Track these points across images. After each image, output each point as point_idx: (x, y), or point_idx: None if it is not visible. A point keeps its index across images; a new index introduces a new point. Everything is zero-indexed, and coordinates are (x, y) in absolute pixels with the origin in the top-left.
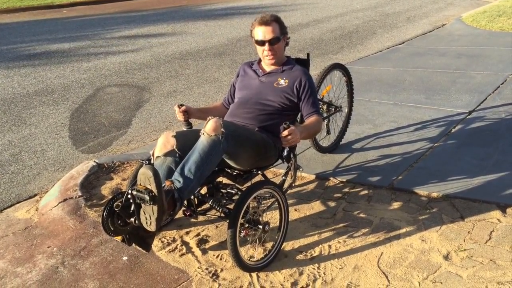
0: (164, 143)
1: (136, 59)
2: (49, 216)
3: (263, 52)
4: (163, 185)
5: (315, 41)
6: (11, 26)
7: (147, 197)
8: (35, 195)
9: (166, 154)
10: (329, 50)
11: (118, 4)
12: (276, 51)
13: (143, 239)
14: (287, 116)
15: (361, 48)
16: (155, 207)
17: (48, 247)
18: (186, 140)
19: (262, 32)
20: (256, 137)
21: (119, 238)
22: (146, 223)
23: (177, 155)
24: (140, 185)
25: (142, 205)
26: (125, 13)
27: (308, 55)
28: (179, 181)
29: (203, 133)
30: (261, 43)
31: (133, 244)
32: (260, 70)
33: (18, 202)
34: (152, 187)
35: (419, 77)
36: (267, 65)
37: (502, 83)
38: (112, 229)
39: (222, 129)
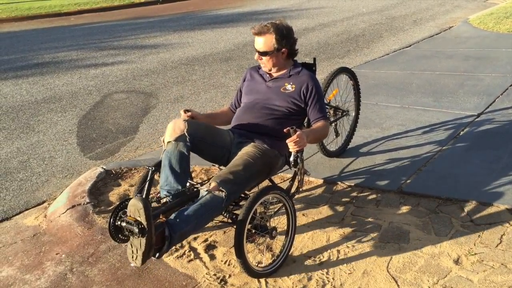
0: (174, 128)
1: (143, 65)
2: (58, 222)
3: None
4: (157, 220)
5: (322, 45)
6: (19, 34)
7: (136, 229)
8: (44, 202)
9: (177, 139)
10: (336, 54)
11: (125, 11)
12: (266, 63)
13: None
14: (294, 120)
15: (368, 51)
16: (143, 240)
17: (56, 253)
18: (196, 126)
19: (256, 42)
20: (257, 167)
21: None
22: (132, 257)
23: (187, 139)
24: (130, 216)
25: (130, 237)
26: (132, 20)
27: (314, 59)
28: (174, 220)
29: (207, 191)
30: (255, 50)
31: None
32: (267, 75)
33: (26, 209)
34: (142, 219)
35: (427, 80)
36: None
37: (511, 85)
38: (119, 235)
39: (224, 193)
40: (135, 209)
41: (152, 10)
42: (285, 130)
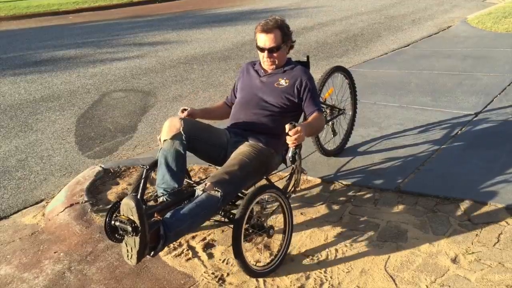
0: (170, 126)
1: (142, 64)
2: (56, 221)
3: (263, 58)
4: (152, 219)
5: (320, 45)
6: (17, 33)
7: (129, 228)
8: (42, 200)
9: (173, 137)
10: (334, 53)
11: (124, 10)
12: (275, 59)
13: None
14: (289, 117)
15: (366, 51)
16: (137, 239)
17: (54, 252)
18: (192, 125)
19: (263, 40)
20: (252, 166)
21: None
22: (127, 256)
23: (183, 138)
24: (123, 215)
25: (125, 236)
26: (131, 19)
27: (308, 57)
28: (169, 219)
29: (203, 190)
30: (261, 49)
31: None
32: (262, 70)
33: (25, 208)
34: (135, 217)
35: (425, 79)
36: (267, 68)
37: (509, 85)
38: (115, 235)
39: (220, 193)
40: (128, 208)
41: (151, 9)
42: (286, 126)
